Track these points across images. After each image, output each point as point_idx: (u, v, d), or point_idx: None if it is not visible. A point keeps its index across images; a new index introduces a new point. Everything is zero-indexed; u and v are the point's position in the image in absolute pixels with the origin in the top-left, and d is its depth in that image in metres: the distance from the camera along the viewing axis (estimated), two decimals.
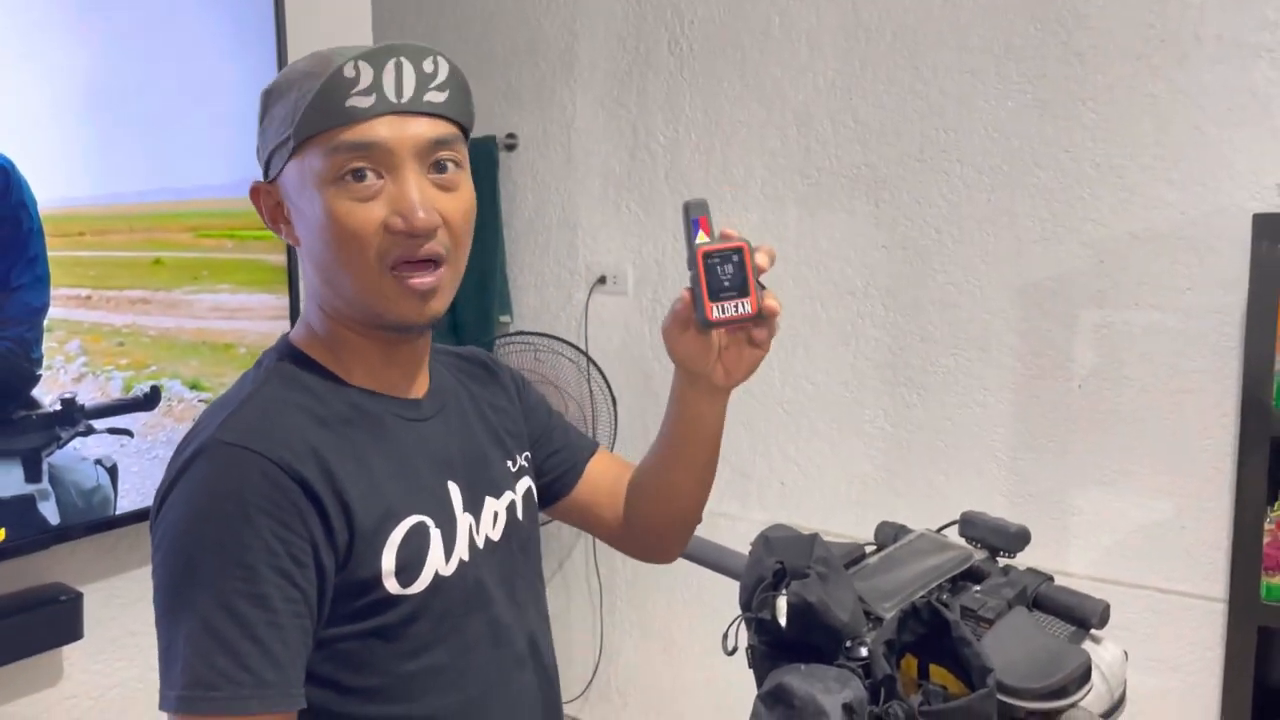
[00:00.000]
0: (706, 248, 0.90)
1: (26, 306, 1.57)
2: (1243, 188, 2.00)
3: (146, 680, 1.89)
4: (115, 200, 1.68)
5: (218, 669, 0.79)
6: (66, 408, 1.61)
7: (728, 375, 0.97)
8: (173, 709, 0.81)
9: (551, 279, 2.97)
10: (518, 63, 2.93)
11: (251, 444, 0.84)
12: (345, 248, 0.88)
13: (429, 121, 0.89)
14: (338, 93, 0.85)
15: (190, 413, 1.78)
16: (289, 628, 0.82)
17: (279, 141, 0.89)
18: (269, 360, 0.96)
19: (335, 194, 0.87)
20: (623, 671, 2.95)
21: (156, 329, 1.73)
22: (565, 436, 1.19)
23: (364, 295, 0.90)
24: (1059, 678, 1.01)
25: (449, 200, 0.91)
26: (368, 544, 0.88)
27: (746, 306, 0.89)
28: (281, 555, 0.82)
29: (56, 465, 1.61)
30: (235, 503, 0.82)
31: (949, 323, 2.35)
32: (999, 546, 1.28)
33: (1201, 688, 2.08)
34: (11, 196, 1.54)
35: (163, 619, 0.83)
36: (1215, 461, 2.06)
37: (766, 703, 1.05)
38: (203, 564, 0.81)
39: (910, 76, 2.35)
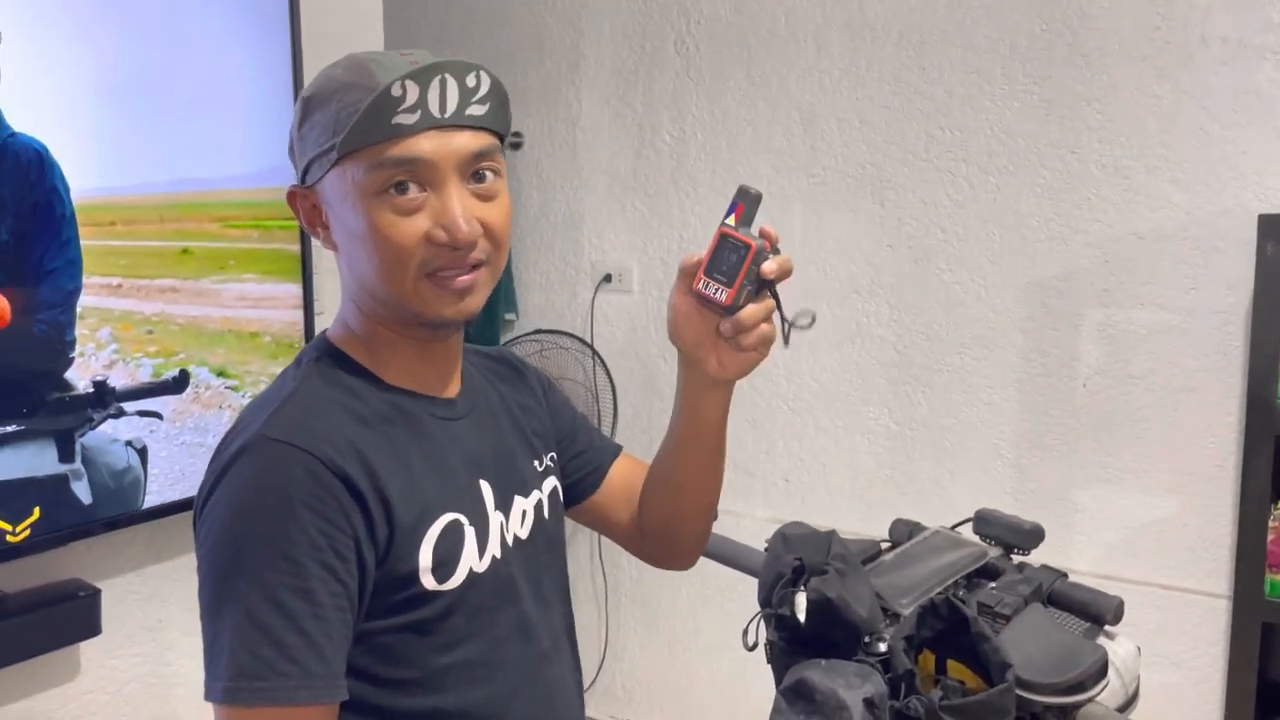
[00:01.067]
0: (726, 229, 0.94)
1: (60, 289, 1.59)
2: (1247, 188, 2.02)
3: (162, 675, 1.90)
4: (145, 190, 1.70)
5: (264, 660, 0.81)
6: (98, 390, 1.64)
7: (721, 367, 0.99)
8: (219, 700, 0.82)
9: (557, 277, 2.99)
10: (524, 61, 2.94)
11: (296, 440, 0.86)
12: (387, 258, 0.90)
13: (470, 134, 0.91)
14: (385, 110, 0.86)
15: (218, 400, 1.81)
16: (333, 620, 0.84)
17: (320, 150, 0.90)
18: (309, 357, 0.97)
19: (379, 206, 0.89)
20: (628, 667, 2.96)
21: (185, 317, 1.76)
22: (589, 439, 1.20)
23: (403, 299, 0.92)
24: (1076, 673, 1.02)
25: (489, 209, 0.93)
26: (406, 540, 0.90)
27: (723, 295, 0.93)
28: (325, 549, 0.84)
29: (89, 446, 1.64)
30: (280, 498, 0.84)
31: (954, 321, 2.37)
32: (1013, 544, 1.30)
33: (1205, 684, 2.10)
34: (45, 181, 1.56)
35: (208, 612, 0.85)
36: (1219, 459, 2.08)
37: (788, 698, 1.07)
38: (248, 558, 0.83)
39: (916, 76, 2.37)
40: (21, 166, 1.54)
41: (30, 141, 1.55)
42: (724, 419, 1.07)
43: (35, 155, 1.55)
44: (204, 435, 1.79)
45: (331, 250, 0.96)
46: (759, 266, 0.93)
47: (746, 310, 0.94)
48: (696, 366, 1.02)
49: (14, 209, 1.52)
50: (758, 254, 0.93)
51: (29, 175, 1.54)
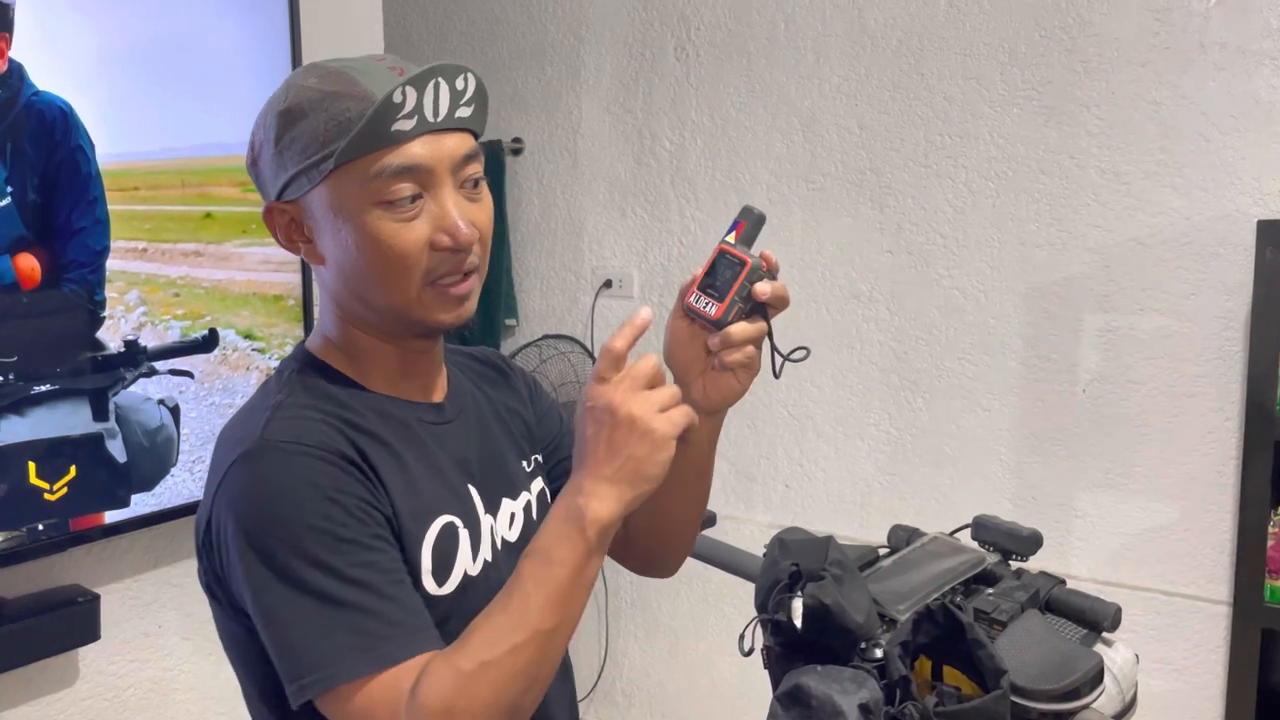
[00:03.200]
0: (725, 246, 0.94)
1: (88, 249, 1.60)
2: (1246, 194, 2.02)
3: (161, 681, 1.90)
4: (167, 155, 1.72)
5: (365, 631, 0.82)
6: (129, 349, 1.65)
7: (705, 395, 0.97)
8: (334, 684, 0.82)
9: (557, 283, 2.99)
10: (524, 68, 2.95)
11: (304, 440, 0.87)
12: (391, 267, 0.89)
13: (458, 137, 0.92)
14: (386, 119, 0.86)
15: (245, 361, 1.84)
16: (405, 582, 0.87)
17: (308, 163, 0.89)
18: (289, 369, 0.97)
19: (379, 216, 0.88)
20: (628, 673, 2.96)
21: (209, 281, 1.78)
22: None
23: (402, 306, 0.92)
24: (1072, 680, 1.02)
25: (478, 211, 0.93)
26: (409, 540, 0.91)
27: (713, 309, 0.93)
28: (372, 524, 0.86)
29: (122, 405, 1.65)
30: (313, 489, 0.84)
31: (954, 327, 2.37)
32: (1011, 550, 1.30)
33: (1205, 690, 2.10)
34: (70, 139, 1.57)
35: (278, 614, 0.84)
36: (1218, 465, 2.08)
37: (784, 703, 1.07)
38: (307, 551, 0.83)
39: (915, 83, 2.37)
40: (46, 124, 1.54)
41: (54, 99, 1.55)
42: (711, 448, 1.05)
43: (59, 113, 1.56)
44: (232, 396, 1.81)
45: (316, 264, 0.95)
46: (752, 284, 0.93)
47: (735, 327, 0.93)
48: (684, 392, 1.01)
49: (39, 167, 1.53)
50: (752, 270, 0.93)
51: (53, 133, 1.55)
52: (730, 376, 0.96)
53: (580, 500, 0.84)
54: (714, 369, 0.96)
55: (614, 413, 0.84)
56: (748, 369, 0.95)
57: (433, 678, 0.82)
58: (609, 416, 0.84)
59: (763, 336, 0.95)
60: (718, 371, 0.96)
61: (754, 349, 0.95)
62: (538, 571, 0.84)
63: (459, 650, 0.83)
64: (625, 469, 0.84)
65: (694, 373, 0.98)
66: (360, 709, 0.82)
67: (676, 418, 0.86)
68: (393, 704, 0.82)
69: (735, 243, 0.94)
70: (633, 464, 0.84)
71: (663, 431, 0.85)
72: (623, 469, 0.84)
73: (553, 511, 0.87)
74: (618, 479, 0.84)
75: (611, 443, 0.84)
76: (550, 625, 0.84)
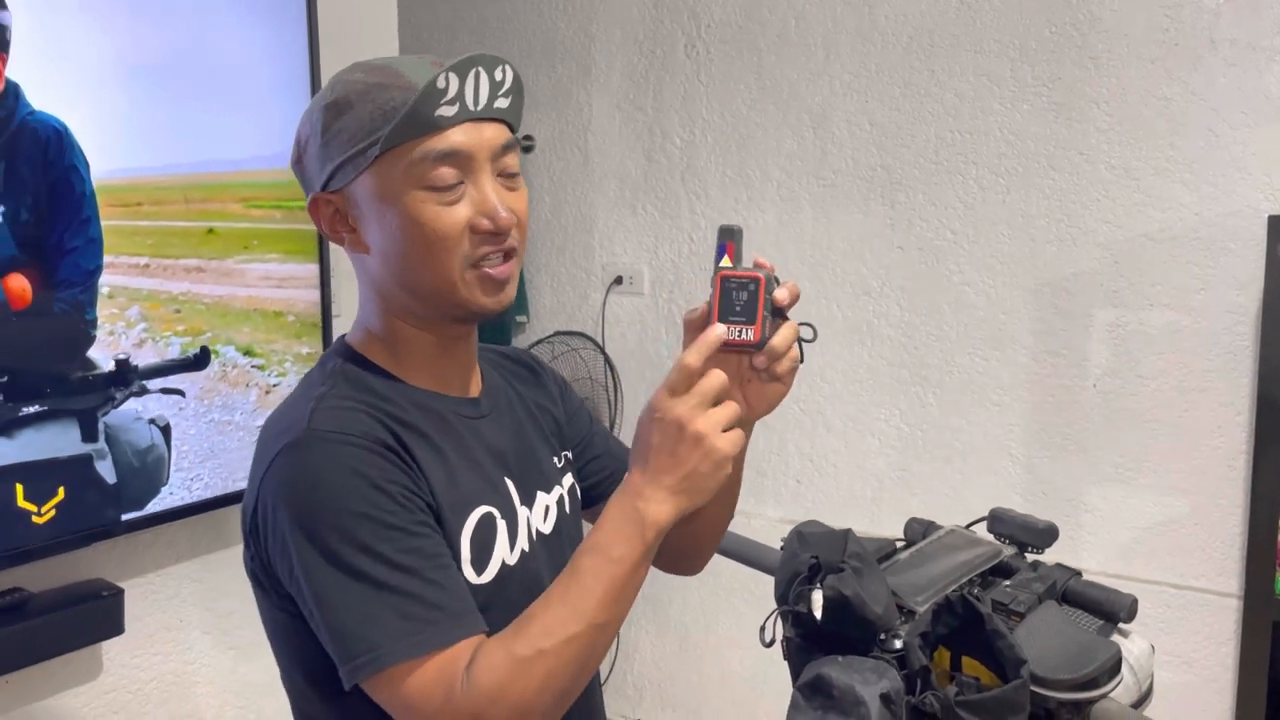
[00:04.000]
0: (726, 272, 0.94)
1: (80, 269, 1.60)
2: (1257, 189, 2.04)
3: (184, 674, 1.92)
4: (170, 171, 1.73)
5: (411, 616, 0.85)
6: (120, 368, 1.66)
7: (750, 408, 0.99)
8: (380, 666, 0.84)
9: (568, 280, 3.01)
10: (535, 65, 2.97)
11: (349, 429, 0.89)
12: (433, 249, 0.92)
13: (496, 127, 0.95)
14: (430, 103, 0.89)
15: (244, 378, 1.84)
16: (451, 566, 0.90)
17: (354, 151, 0.92)
18: (331, 364, 0.99)
19: (422, 199, 0.91)
20: (639, 666, 2.98)
21: (211, 297, 1.79)
22: (606, 444, 1.22)
23: (446, 288, 0.94)
24: (1090, 670, 1.04)
25: (516, 199, 0.96)
26: (449, 530, 0.93)
27: (750, 334, 0.93)
28: (416, 511, 0.89)
29: (112, 425, 1.65)
30: (360, 478, 0.87)
31: (964, 323, 2.39)
32: (1027, 542, 1.31)
33: (1216, 683, 2.11)
34: (64, 159, 1.57)
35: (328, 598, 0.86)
36: (1228, 459, 2.09)
37: (805, 693, 1.09)
38: (355, 537, 0.85)
39: (926, 79, 2.38)
40: (40, 144, 1.54)
41: (49, 119, 1.56)
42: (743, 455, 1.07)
43: (54, 133, 1.56)
44: (231, 413, 1.81)
45: (360, 253, 0.98)
46: (772, 295, 0.94)
47: (777, 338, 0.94)
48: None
49: (32, 187, 1.53)
50: (768, 283, 0.93)
51: (47, 153, 1.55)
52: (776, 383, 0.97)
53: (641, 504, 0.88)
54: (760, 381, 0.97)
55: (682, 428, 0.87)
56: (792, 370, 0.97)
57: (488, 661, 0.85)
58: (676, 430, 0.88)
59: (797, 335, 0.97)
60: (763, 383, 0.97)
61: (796, 349, 0.97)
62: (597, 566, 0.87)
63: (516, 637, 0.86)
64: (687, 482, 0.88)
65: (732, 391, 0.98)
66: (415, 690, 0.84)
67: (735, 438, 0.89)
68: (448, 685, 0.84)
69: (733, 264, 0.95)
70: (695, 479, 0.88)
71: (725, 451, 0.88)
72: (684, 481, 0.88)
73: (609, 511, 0.90)
74: (678, 489, 0.88)
75: (676, 455, 0.88)
76: (604, 619, 0.87)
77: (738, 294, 0.93)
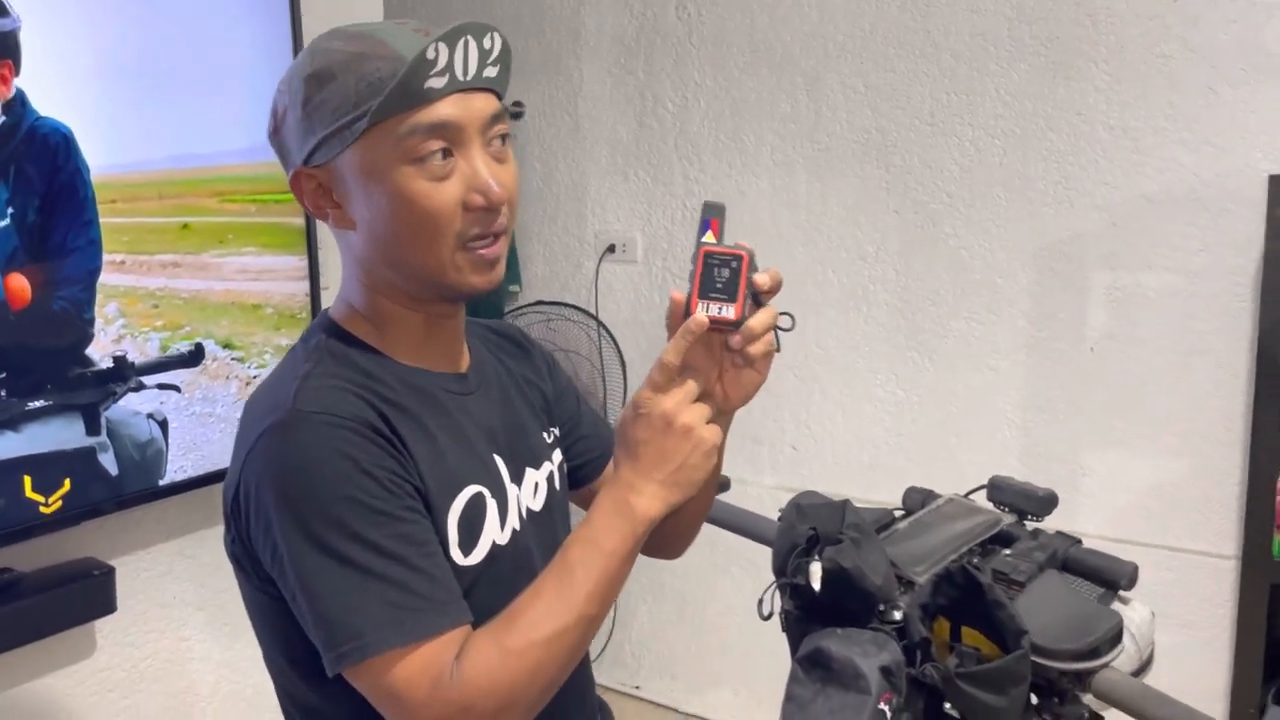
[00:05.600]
0: (709, 248, 0.92)
1: (81, 268, 1.63)
2: (1256, 148, 2.01)
3: (178, 651, 1.92)
4: (144, 168, 1.72)
5: (396, 604, 0.83)
6: (118, 364, 1.68)
7: (727, 398, 0.97)
8: (364, 655, 0.83)
9: (560, 248, 2.98)
10: (524, 31, 2.92)
11: (335, 410, 0.87)
12: (424, 227, 0.89)
13: (485, 97, 0.91)
14: (420, 75, 0.86)
15: (225, 371, 1.84)
16: (437, 554, 0.88)
17: (339, 125, 0.88)
18: (315, 338, 0.96)
19: (412, 174, 0.88)
20: (637, 635, 2.98)
21: (188, 291, 1.78)
22: (593, 425, 1.20)
23: (436, 270, 0.91)
24: (1092, 639, 1.03)
25: (505, 172, 0.93)
26: (436, 512, 0.91)
27: (730, 311, 0.91)
28: (404, 496, 0.87)
29: (113, 420, 1.67)
30: (348, 461, 0.85)
31: (961, 286, 2.36)
32: (1027, 510, 1.30)
33: (1214, 644, 2.11)
34: (70, 164, 1.60)
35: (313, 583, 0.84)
36: (1226, 421, 2.08)
37: (804, 666, 1.08)
38: (341, 522, 0.83)
39: (921, 40, 2.34)
40: (49, 149, 1.57)
41: (56, 125, 1.58)
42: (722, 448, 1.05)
43: (61, 139, 1.58)
44: (213, 405, 1.82)
45: (345, 229, 0.95)
46: (754, 274, 0.92)
47: (754, 319, 0.92)
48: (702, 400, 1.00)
49: (40, 190, 1.56)
50: (751, 261, 0.91)
51: (55, 158, 1.58)
52: (751, 370, 0.95)
53: (631, 497, 0.89)
54: (736, 367, 0.94)
55: (670, 421, 0.89)
56: (768, 357, 0.95)
57: (478, 653, 0.84)
58: (664, 424, 0.89)
59: (775, 320, 0.94)
60: (739, 369, 0.95)
61: (771, 334, 0.94)
62: (588, 558, 0.87)
63: (506, 628, 0.85)
64: (678, 474, 0.90)
65: (711, 380, 0.96)
66: (400, 680, 0.83)
67: (717, 429, 0.92)
68: (435, 676, 0.83)
69: (716, 240, 0.93)
70: (686, 470, 0.90)
71: (713, 442, 0.91)
72: (676, 474, 0.89)
73: (600, 504, 0.90)
74: (669, 482, 0.90)
75: (664, 449, 0.89)
76: (594, 611, 0.88)
77: (719, 270, 0.91)
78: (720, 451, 1.05)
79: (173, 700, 1.92)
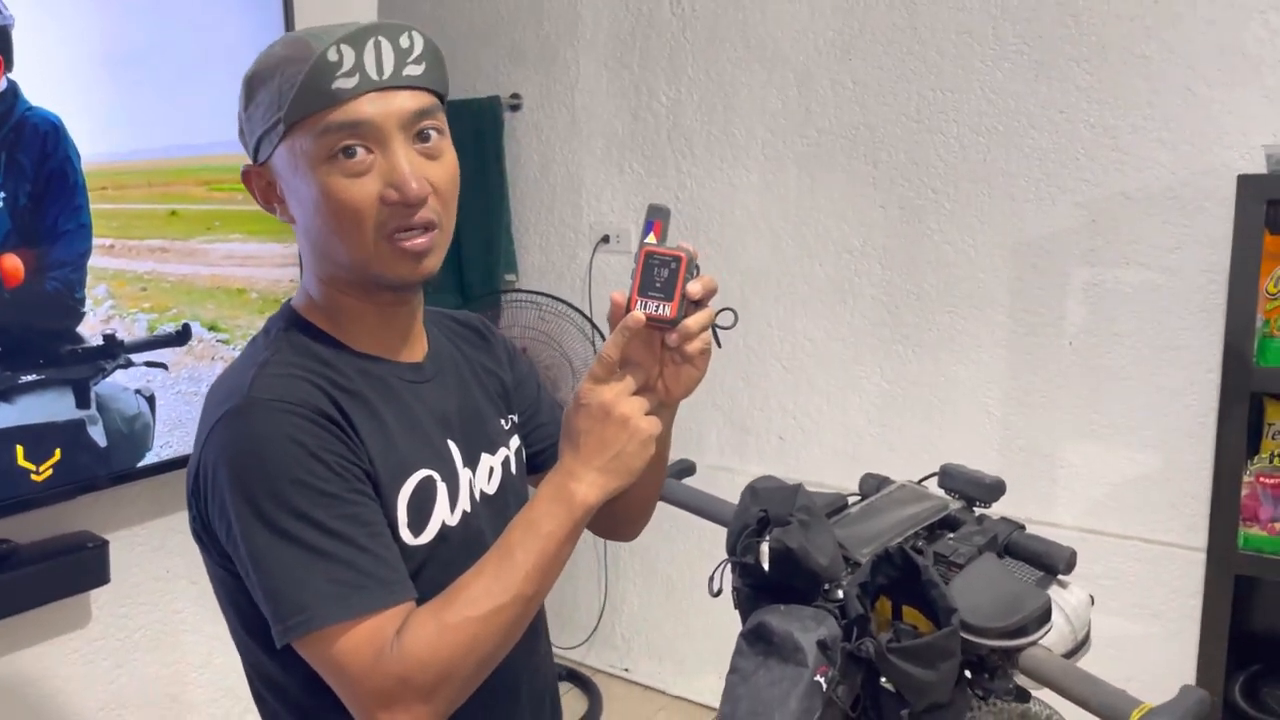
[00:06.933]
0: (650, 248, 0.96)
1: (72, 250, 1.71)
2: (1230, 148, 2.04)
3: (170, 623, 1.98)
4: (133, 157, 1.79)
5: (341, 581, 0.88)
6: (108, 342, 1.76)
7: (668, 391, 1.01)
8: (310, 629, 0.87)
9: (556, 239, 3.03)
10: (522, 23, 2.96)
11: (288, 398, 0.91)
12: (343, 222, 0.93)
13: (410, 94, 0.94)
14: (324, 76, 0.89)
15: (210, 352, 1.92)
16: (384, 534, 0.93)
17: (267, 126, 0.94)
18: (276, 327, 1.01)
19: (328, 172, 0.92)
20: (626, 618, 3.04)
21: (175, 275, 1.86)
22: (552, 412, 1.25)
23: (361, 262, 0.95)
24: (1019, 618, 1.07)
25: (435, 168, 0.96)
26: (386, 495, 0.96)
27: (666, 309, 0.95)
28: (352, 479, 0.92)
29: (102, 395, 1.76)
30: (297, 446, 0.89)
31: (944, 281, 2.40)
32: (975, 497, 1.34)
33: (1182, 634, 2.15)
34: (60, 151, 1.68)
35: (263, 561, 0.89)
36: (1199, 416, 2.12)
37: (748, 639, 1.13)
38: (290, 503, 0.88)
39: (908, 37, 2.38)
40: (40, 137, 1.65)
41: (46, 114, 1.65)
42: (668, 442, 1.11)
43: (51, 127, 1.66)
44: (198, 385, 1.90)
45: (289, 223, 1.00)
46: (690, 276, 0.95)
47: (691, 319, 0.96)
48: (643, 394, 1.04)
49: (31, 175, 1.64)
50: (690, 263, 0.95)
51: (45, 145, 1.66)
52: (689, 366, 0.99)
53: (571, 484, 0.93)
54: (675, 363, 0.99)
55: (608, 412, 0.93)
56: (705, 354, 0.99)
57: (418, 627, 0.88)
58: (603, 414, 0.93)
59: (712, 321, 0.98)
60: (678, 365, 0.99)
61: (708, 333, 0.98)
62: (527, 541, 0.92)
63: (446, 605, 0.90)
64: (616, 462, 0.94)
65: (651, 376, 1.00)
66: (344, 651, 0.88)
67: (655, 420, 0.96)
68: (377, 647, 0.87)
69: (658, 242, 0.97)
70: (623, 458, 0.94)
71: (649, 432, 0.95)
72: (613, 461, 0.94)
73: (542, 490, 0.95)
74: (606, 469, 0.94)
75: (604, 438, 0.93)
76: (531, 591, 0.92)
77: (659, 270, 0.95)
78: (667, 442, 1.11)
79: (165, 670, 1.98)
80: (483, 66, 3.06)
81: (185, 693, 2.02)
